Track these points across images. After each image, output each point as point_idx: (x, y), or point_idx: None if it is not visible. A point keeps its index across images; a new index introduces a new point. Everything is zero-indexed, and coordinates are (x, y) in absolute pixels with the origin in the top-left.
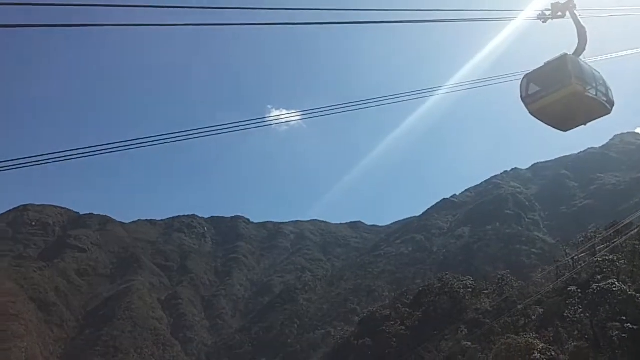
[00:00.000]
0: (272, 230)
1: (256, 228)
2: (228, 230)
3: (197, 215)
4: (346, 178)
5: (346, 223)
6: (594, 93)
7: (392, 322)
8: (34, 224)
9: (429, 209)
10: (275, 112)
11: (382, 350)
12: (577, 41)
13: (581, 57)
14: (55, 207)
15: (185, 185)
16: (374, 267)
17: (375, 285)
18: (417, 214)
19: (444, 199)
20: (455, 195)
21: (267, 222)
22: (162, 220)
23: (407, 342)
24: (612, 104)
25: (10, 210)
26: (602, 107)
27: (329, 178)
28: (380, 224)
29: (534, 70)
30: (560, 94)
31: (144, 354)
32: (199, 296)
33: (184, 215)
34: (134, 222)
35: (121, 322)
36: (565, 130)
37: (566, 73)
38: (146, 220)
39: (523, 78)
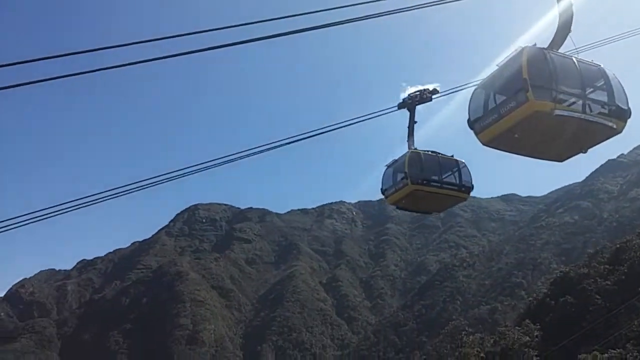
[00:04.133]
0: None
1: None
2: (376, 213)
3: (345, 201)
4: (492, 150)
5: (498, 197)
6: (579, 108)
7: (592, 280)
8: (204, 221)
9: (592, 172)
10: (410, 89)
11: (585, 307)
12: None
13: (562, 47)
14: (220, 204)
15: (330, 174)
16: (536, 240)
17: (540, 258)
18: (579, 180)
19: (609, 160)
20: (622, 154)
21: None
22: (313, 208)
23: (614, 297)
24: (622, 116)
25: (184, 211)
26: (597, 126)
27: (473, 151)
28: (536, 195)
29: (488, 78)
30: (515, 116)
31: (314, 333)
32: (357, 278)
33: (333, 202)
34: (288, 212)
35: (290, 304)
36: (559, 161)
37: (519, 82)
38: (299, 209)
39: (475, 89)
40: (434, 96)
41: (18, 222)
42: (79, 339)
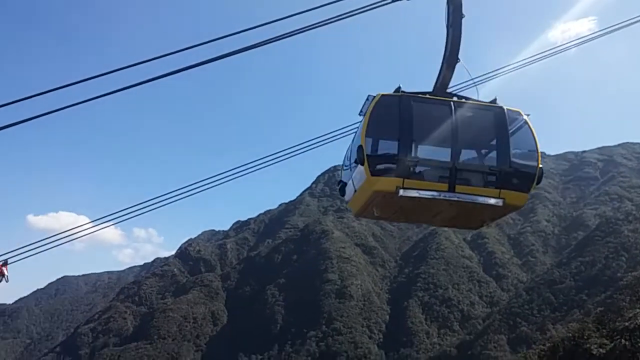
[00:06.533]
0: (574, 161)
1: (554, 160)
2: None
3: None
4: None
5: None
6: (443, 180)
7: None
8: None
9: None
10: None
11: None
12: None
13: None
14: None
15: None
16: None
17: None
18: None
19: None
20: None
21: (567, 152)
22: None
23: None
24: (521, 186)
25: (324, 172)
26: (472, 206)
27: (634, 91)
28: None
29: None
30: (362, 192)
31: (461, 289)
32: (505, 235)
33: None
34: None
35: (435, 261)
36: (471, 229)
37: (357, 150)
38: None
39: (352, 139)
40: None
41: (191, 190)
42: (241, 292)
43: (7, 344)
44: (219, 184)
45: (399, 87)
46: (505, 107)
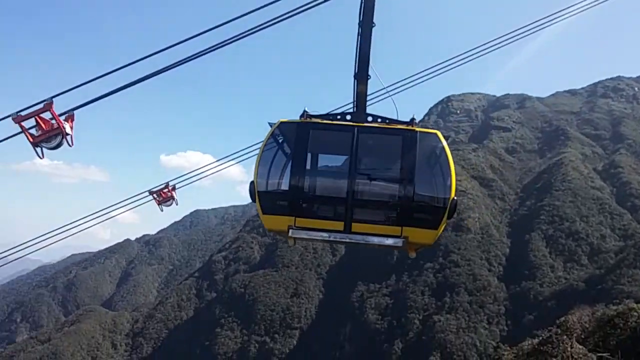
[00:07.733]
0: None
1: None
2: None
3: (623, 77)
4: None
5: None
6: (337, 219)
7: None
8: (458, 112)
9: None
10: None
11: None
12: None
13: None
14: (473, 94)
15: (602, 46)
16: None
17: None
18: None
19: None
20: None
21: None
22: (582, 88)
23: None
24: (428, 221)
25: (437, 104)
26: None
27: None
28: None
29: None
30: None
31: (590, 222)
32: None
33: (607, 79)
34: (552, 95)
35: (560, 193)
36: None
37: (249, 186)
38: (565, 91)
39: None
40: None
41: None
42: None
43: (153, 269)
44: None
45: (305, 111)
46: (418, 130)
